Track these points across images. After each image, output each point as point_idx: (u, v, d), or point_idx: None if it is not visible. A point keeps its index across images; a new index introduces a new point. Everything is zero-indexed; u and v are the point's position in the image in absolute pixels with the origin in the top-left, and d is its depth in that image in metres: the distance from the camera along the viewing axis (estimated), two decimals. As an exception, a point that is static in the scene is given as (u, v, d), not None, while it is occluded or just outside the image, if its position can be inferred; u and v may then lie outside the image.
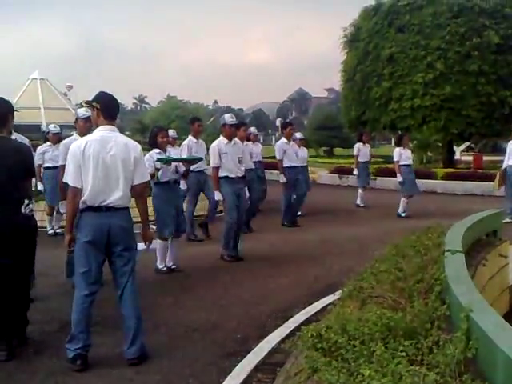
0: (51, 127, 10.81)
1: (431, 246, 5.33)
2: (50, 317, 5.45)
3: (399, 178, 12.77)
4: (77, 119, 6.75)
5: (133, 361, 4.39)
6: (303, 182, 12.06)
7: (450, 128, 23.99)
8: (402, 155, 12.84)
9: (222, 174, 8.19)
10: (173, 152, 10.51)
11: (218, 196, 8.23)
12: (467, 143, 34.95)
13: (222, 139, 8.31)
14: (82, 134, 6.44)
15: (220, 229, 8.45)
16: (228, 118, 8.40)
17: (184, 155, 9.44)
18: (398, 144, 13.31)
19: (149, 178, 4.70)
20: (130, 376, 4.23)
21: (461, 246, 4.84)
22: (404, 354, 2.99)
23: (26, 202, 4.57)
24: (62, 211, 6.77)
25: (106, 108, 4.58)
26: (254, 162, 11.10)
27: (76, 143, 4.54)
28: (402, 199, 12.82)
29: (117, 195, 4.37)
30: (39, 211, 10.17)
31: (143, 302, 4.89)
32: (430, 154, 28.49)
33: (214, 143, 8.33)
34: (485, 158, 25.47)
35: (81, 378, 4.20)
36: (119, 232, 4.39)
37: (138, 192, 4.53)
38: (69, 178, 4.43)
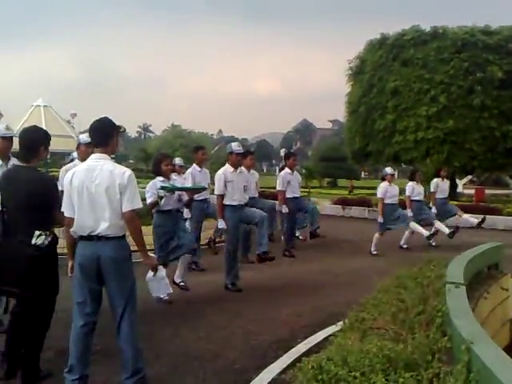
0: (177, 161, 11.09)
1: (433, 278, 5.34)
2: (48, 344, 5.38)
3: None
4: (79, 144, 6.70)
5: None
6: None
7: (452, 161, 24.12)
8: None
9: (226, 202, 8.16)
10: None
11: (221, 224, 8.15)
12: (469, 176, 35.04)
13: (228, 167, 8.30)
14: (84, 159, 6.43)
15: (221, 258, 8.42)
16: (235, 146, 8.40)
17: (188, 184, 9.42)
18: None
19: (140, 206, 4.47)
20: (129, 406, 4.19)
21: (462, 278, 4.84)
22: (404, 386, 2.98)
23: (37, 233, 4.56)
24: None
25: (91, 135, 4.57)
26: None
27: (69, 173, 4.54)
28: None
29: (104, 225, 4.29)
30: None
31: (144, 331, 4.87)
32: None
33: (220, 171, 8.30)
34: (487, 192, 25.51)
35: (78, 408, 4.16)
36: (110, 262, 4.31)
37: (127, 219, 4.36)
38: (63, 207, 4.47)
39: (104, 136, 4.50)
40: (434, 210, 12.94)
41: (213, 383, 4.66)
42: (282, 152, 56.76)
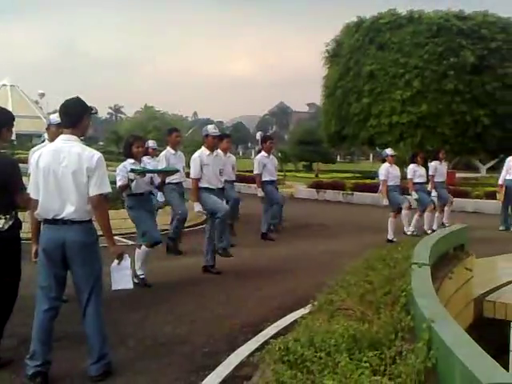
0: (150, 143, 11.30)
1: (400, 259, 5.40)
2: (10, 331, 5.22)
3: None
4: (49, 125, 6.46)
5: (96, 378, 4.29)
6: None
7: (425, 145, 24.35)
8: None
9: (202, 185, 8.06)
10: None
11: (198, 207, 8.04)
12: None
13: (203, 150, 8.20)
14: (54, 140, 6.35)
15: (200, 241, 8.37)
16: (211, 128, 8.28)
17: (162, 167, 9.27)
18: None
19: (108, 190, 4.36)
20: (94, 392, 4.15)
21: (428, 259, 4.91)
22: (368, 364, 3.01)
23: None
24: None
25: (61, 116, 4.48)
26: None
27: (35, 154, 4.46)
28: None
29: (70, 209, 4.20)
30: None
31: (111, 316, 4.81)
32: (405, 170, 28.90)
33: (196, 154, 8.20)
34: (458, 175, 25.84)
35: (41, 395, 4.10)
36: (75, 247, 4.22)
37: (94, 204, 4.26)
38: (29, 189, 4.39)
39: (74, 117, 4.39)
40: (434, 193, 12.73)
41: (180, 367, 4.63)
42: (258, 135, 56.61)
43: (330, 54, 29.71)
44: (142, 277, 7.31)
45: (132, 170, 7.04)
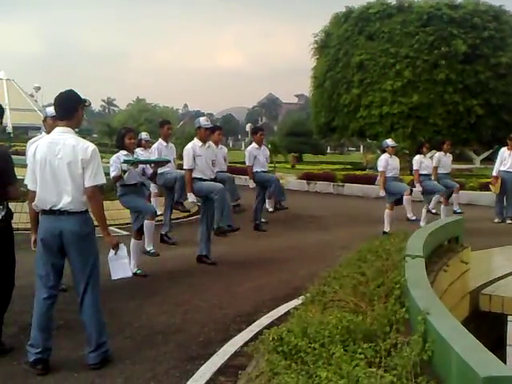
0: (144, 135, 11.66)
1: (393, 251, 5.42)
2: (11, 319, 5.37)
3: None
4: (46, 117, 6.49)
5: (94, 366, 4.38)
6: None
7: (417, 136, 24.28)
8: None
9: (195, 175, 8.16)
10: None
11: (191, 198, 8.15)
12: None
13: (196, 142, 8.28)
14: (51, 132, 6.35)
15: (195, 232, 8.40)
16: (203, 120, 8.38)
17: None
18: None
19: (103, 182, 4.45)
20: (92, 379, 4.20)
21: (422, 251, 4.92)
22: (362, 356, 3.03)
23: None
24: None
25: (55, 108, 4.55)
26: None
27: (32, 146, 4.53)
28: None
29: (66, 200, 4.27)
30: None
31: (108, 305, 4.87)
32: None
33: (189, 145, 8.27)
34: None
35: (42, 381, 4.17)
36: (72, 237, 4.30)
37: (89, 195, 4.34)
38: (27, 180, 4.46)
39: (68, 109, 4.46)
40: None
41: (176, 356, 4.68)
42: (248, 127, 56.57)
43: (319, 45, 29.54)
44: (152, 251, 8.13)
45: (125, 161, 7.16)
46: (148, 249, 8.07)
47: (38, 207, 4.39)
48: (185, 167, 8.20)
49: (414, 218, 11.24)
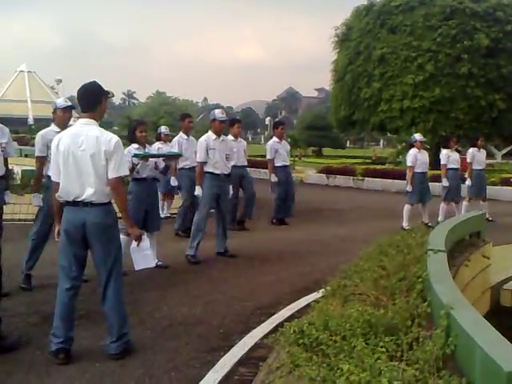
0: (163, 129, 11.72)
1: (414, 246, 5.40)
2: (34, 309, 5.48)
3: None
4: (55, 109, 6.47)
5: (116, 356, 4.41)
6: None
7: (438, 130, 24.12)
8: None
9: (207, 169, 8.02)
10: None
11: (198, 191, 8.01)
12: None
13: (210, 134, 8.13)
14: (61, 124, 6.29)
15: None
16: (218, 113, 8.19)
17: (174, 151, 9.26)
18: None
19: (126, 173, 4.49)
20: (114, 369, 4.24)
21: (443, 245, 4.89)
22: (384, 349, 3.03)
23: None
24: (34, 204, 6.57)
25: (79, 100, 4.51)
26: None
27: (56, 137, 4.52)
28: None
29: (90, 191, 4.29)
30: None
31: (129, 296, 4.91)
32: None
33: (202, 138, 8.14)
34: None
35: (64, 371, 4.20)
36: (94, 229, 4.32)
37: (112, 187, 4.35)
38: (50, 172, 4.53)
39: (92, 101, 4.46)
40: (468, 182, 12.15)
41: (197, 347, 4.70)
42: (267, 121, 56.41)
43: (340, 38, 29.42)
44: (159, 263, 7.38)
45: (135, 155, 6.96)
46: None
47: (61, 198, 4.41)
48: (197, 160, 8.10)
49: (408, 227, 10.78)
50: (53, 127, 6.43)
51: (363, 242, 8.07)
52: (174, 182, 9.77)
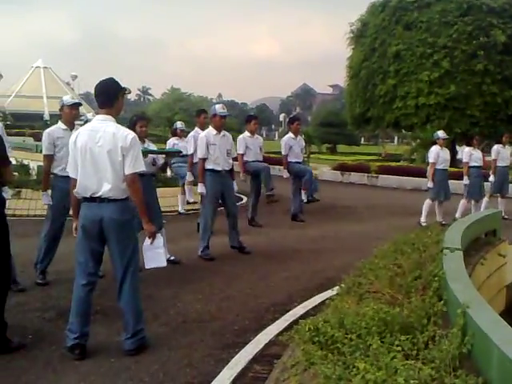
0: (179, 124, 11.88)
1: (430, 244, 5.37)
2: (49, 304, 5.51)
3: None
4: (62, 106, 6.42)
5: (131, 352, 4.43)
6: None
7: (453, 127, 23.93)
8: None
9: (208, 166, 7.89)
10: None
11: (201, 189, 7.92)
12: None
13: (210, 130, 7.98)
14: (68, 121, 6.34)
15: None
16: (219, 108, 8.01)
17: (190, 148, 9.24)
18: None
19: (143, 169, 4.48)
20: (129, 365, 4.25)
21: (460, 243, 4.87)
22: (400, 348, 3.02)
23: None
24: (43, 202, 6.56)
25: (96, 96, 4.52)
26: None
27: (73, 134, 4.56)
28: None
29: (106, 187, 4.31)
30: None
31: (143, 292, 4.91)
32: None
33: (203, 133, 8.03)
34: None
35: (79, 366, 4.22)
36: (111, 224, 4.35)
37: (129, 182, 4.37)
38: (68, 168, 4.53)
39: (109, 97, 4.48)
40: (491, 178, 12.17)
41: (211, 344, 4.71)
42: (282, 117, 56.26)
43: (355, 35, 29.30)
44: (172, 258, 7.41)
45: None
46: None
47: (79, 194, 4.44)
48: (198, 156, 7.98)
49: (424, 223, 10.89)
50: (59, 124, 6.43)
51: (378, 239, 8.03)
52: (190, 177, 9.74)
